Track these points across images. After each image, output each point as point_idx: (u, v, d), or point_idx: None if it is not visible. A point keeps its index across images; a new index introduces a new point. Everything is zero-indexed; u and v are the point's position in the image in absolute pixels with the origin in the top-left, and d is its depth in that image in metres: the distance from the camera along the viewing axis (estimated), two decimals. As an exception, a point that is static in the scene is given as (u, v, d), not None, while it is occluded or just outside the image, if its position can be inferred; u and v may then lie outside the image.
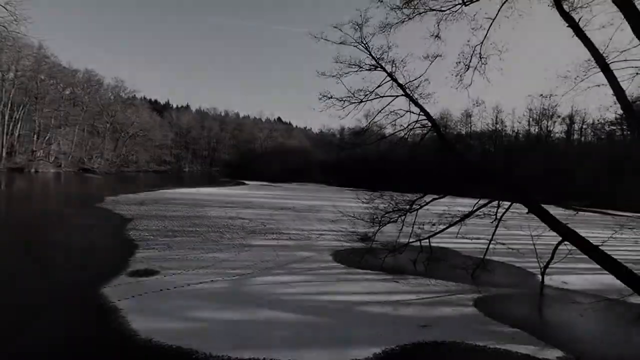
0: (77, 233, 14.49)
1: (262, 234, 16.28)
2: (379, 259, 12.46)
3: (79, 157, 62.50)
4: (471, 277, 11.21)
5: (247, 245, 13.69)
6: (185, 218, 19.30)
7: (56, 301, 7.72)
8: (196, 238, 14.47)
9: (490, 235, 11.44)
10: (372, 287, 9.67)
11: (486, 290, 10.00)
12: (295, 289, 9.23)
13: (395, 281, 10.36)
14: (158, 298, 7.96)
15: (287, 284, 9.55)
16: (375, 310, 8.04)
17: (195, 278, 9.47)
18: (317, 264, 11.71)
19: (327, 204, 31.65)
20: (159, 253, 11.83)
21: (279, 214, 23.38)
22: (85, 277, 9.21)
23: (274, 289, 9.07)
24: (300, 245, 14.42)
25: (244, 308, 7.69)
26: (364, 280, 10.24)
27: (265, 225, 18.61)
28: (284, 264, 11.47)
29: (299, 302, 8.28)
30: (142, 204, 23.88)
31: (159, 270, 9.99)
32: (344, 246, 14.67)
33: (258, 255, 12.37)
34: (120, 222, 17.29)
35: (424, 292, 9.58)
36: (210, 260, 11.30)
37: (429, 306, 8.51)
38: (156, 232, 15.25)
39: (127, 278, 9.21)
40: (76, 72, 65.14)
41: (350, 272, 10.96)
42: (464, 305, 8.74)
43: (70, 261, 10.73)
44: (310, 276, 10.40)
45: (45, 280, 8.99)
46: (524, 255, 13.95)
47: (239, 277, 9.85)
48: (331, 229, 18.65)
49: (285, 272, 10.63)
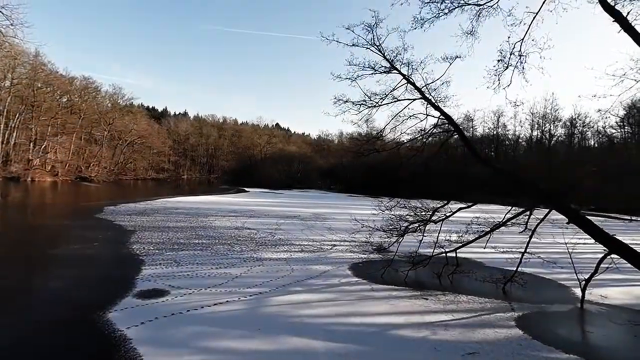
0: (77, 247, 13.63)
1: (272, 245, 15.48)
2: (401, 272, 11.73)
3: (76, 166, 61.46)
4: (502, 292, 10.49)
5: (258, 259, 12.89)
6: (190, 229, 18.47)
7: (56, 327, 6.88)
8: (204, 251, 13.65)
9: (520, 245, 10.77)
10: (401, 306, 8.90)
11: (522, 306, 9.26)
12: (318, 309, 8.43)
13: (424, 298, 9.59)
14: (171, 324, 7.14)
15: (308, 303, 8.75)
16: (412, 335, 7.26)
17: (209, 299, 8.66)
18: (336, 279, 10.93)
19: (333, 212, 30.93)
20: (166, 269, 11.01)
21: (285, 222, 22.59)
22: (88, 298, 8.38)
23: (295, 310, 8.28)
24: (314, 257, 13.63)
25: (268, 335, 6.89)
26: (391, 298, 9.46)
27: (273, 235, 17.81)
28: (301, 279, 10.67)
29: (325, 327, 7.49)
30: (143, 214, 23.02)
31: (168, 290, 9.17)
32: (361, 258, 13.90)
33: (272, 270, 11.58)
34: (122, 234, 16.44)
35: (458, 310, 8.80)
36: (222, 277, 10.49)
37: (468, 328, 7.73)
38: (161, 245, 14.42)
39: (134, 300, 8.38)
40: (73, 80, 64.42)
41: (374, 289, 10.18)
42: (506, 326, 7.98)
43: (71, 279, 9.87)
44: (332, 294, 9.61)
45: (43, 301, 8.15)
46: (553, 266, 13.24)
47: (256, 296, 9.05)
48: (343, 239, 17.88)
49: (304, 289, 9.83)
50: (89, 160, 64.85)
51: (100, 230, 17.22)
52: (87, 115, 65.06)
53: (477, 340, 7.13)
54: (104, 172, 64.73)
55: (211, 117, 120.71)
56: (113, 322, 7.13)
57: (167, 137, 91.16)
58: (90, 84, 67.58)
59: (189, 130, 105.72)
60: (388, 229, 12.48)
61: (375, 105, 13.08)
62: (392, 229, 12.43)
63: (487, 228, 11.28)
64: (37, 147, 53.98)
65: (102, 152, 67.54)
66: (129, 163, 75.21)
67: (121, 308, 7.84)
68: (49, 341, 6.40)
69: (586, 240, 10.49)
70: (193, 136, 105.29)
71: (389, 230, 12.39)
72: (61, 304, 8.10)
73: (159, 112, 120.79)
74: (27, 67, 53.12)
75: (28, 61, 53.07)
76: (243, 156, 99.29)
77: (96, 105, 69.42)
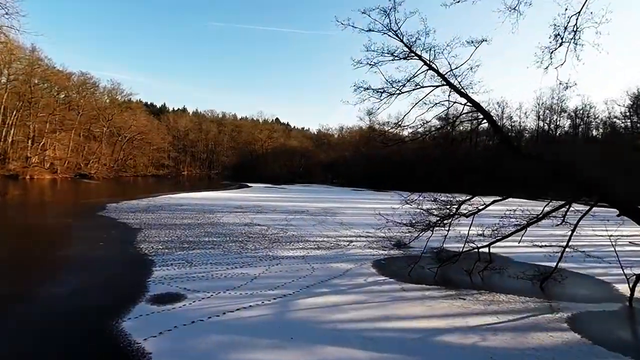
0: (81, 248, 12.87)
1: (286, 242, 14.75)
2: (428, 269, 11.03)
3: (76, 163, 60.44)
4: (540, 290, 9.78)
5: (274, 257, 12.15)
6: (197, 226, 17.71)
7: (62, 341, 6.14)
8: (216, 250, 12.91)
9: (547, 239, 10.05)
10: (439, 308, 8.18)
11: (567, 306, 8.57)
12: (350, 313, 7.71)
13: (461, 298, 8.87)
14: (193, 334, 6.40)
15: (338, 307, 8.02)
16: (459, 341, 6.54)
17: (230, 303, 7.93)
18: (361, 279, 10.20)
19: (341, 206, 30.21)
20: (179, 270, 10.26)
21: (295, 218, 21.84)
22: (98, 305, 7.64)
23: (326, 314, 7.56)
24: (332, 255, 12.90)
25: (302, 345, 6.16)
26: (425, 299, 8.74)
27: (285, 232, 17.07)
28: (324, 279, 9.94)
29: (362, 333, 6.76)
30: (147, 212, 22.24)
31: (184, 293, 8.43)
32: (382, 255, 13.18)
33: (291, 269, 10.85)
34: (128, 232, 15.68)
35: (501, 311, 8.09)
36: (239, 278, 9.76)
37: (519, 332, 7.02)
38: (169, 243, 13.67)
39: (149, 306, 7.64)
40: (71, 75, 63.11)
41: (405, 288, 9.45)
42: (559, 328, 7.27)
43: (78, 283, 9.12)
44: (361, 295, 8.88)
45: (46, 310, 7.40)
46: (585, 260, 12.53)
47: (280, 299, 8.31)
48: (358, 234, 17.15)
49: (330, 290, 9.10)
50: (88, 157, 63.81)
51: (105, 229, 16.45)
52: (86, 112, 63.88)
53: (534, 346, 6.42)
54: (103, 169, 63.75)
55: (210, 112, 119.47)
56: (128, 332, 6.38)
57: (167, 133, 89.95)
58: (88, 80, 66.31)
59: (188, 126, 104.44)
60: (413, 223, 11.74)
61: (397, 92, 12.27)
62: (418, 223, 11.70)
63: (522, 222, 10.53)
64: (35, 145, 52.93)
65: (102, 149, 66.49)
66: (129, 159, 74.17)
67: (135, 316, 7.10)
68: (52, 357, 5.66)
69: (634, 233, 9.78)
70: (192, 132, 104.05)
71: (414, 225, 11.64)
72: (67, 313, 7.35)
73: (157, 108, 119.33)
74: (24, 62, 51.86)
75: (24, 56, 51.82)
76: (244, 151, 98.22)
77: (94, 101, 68.15)
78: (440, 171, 14.31)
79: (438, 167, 13.73)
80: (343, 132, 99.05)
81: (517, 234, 10.68)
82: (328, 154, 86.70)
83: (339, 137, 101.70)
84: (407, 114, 12.99)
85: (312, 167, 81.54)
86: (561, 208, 9.46)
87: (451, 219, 11.04)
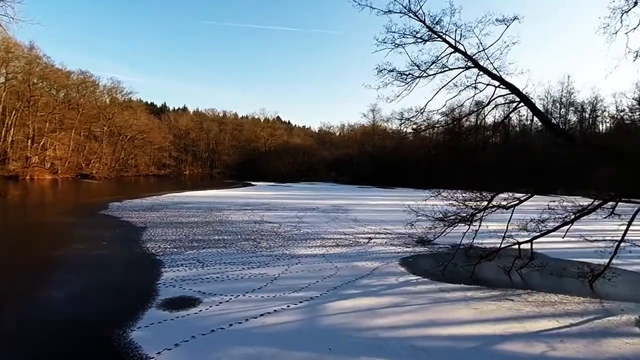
0: (83, 247, 11.95)
1: (302, 239, 13.81)
2: (462, 267, 10.07)
3: (76, 163, 59.52)
4: (590, 288, 8.84)
5: (293, 256, 11.22)
6: (206, 224, 16.78)
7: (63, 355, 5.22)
8: (228, 249, 11.98)
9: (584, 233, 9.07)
10: (487, 311, 7.23)
11: (630, 307, 7.61)
12: (390, 318, 6.76)
13: (508, 299, 7.92)
14: (214, 345, 5.47)
15: (374, 310, 7.08)
16: (524, 350, 5.60)
17: (251, 307, 7.00)
18: (392, 278, 9.26)
19: (351, 203, 29.29)
20: (191, 271, 9.34)
21: (305, 215, 20.90)
22: (103, 312, 6.72)
23: (363, 320, 6.62)
24: (354, 252, 11.96)
25: (344, 358, 5.22)
26: (469, 300, 7.79)
27: (299, 229, 16.13)
28: (351, 280, 9.00)
29: (410, 342, 5.82)
30: (152, 210, 21.32)
31: (198, 297, 7.50)
32: (406, 252, 12.24)
33: (313, 268, 9.92)
34: (132, 231, 14.77)
35: (560, 314, 7.14)
36: (258, 279, 8.83)
37: (589, 339, 6.07)
38: (177, 242, 12.75)
39: (160, 312, 6.71)
40: (70, 73, 62.13)
41: (442, 289, 8.51)
42: (633, 333, 6.33)
43: (80, 287, 8.20)
44: (396, 296, 7.94)
45: (45, 317, 6.47)
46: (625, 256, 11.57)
47: (308, 302, 7.38)
48: (375, 231, 16.21)
49: (361, 291, 8.17)
50: (89, 157, 62.88)
51: (108, 228, 15.54)
52: (86, 111, 62.89)
53: (614, 356, 5.48)
54: (105, 169, 62.82)
55: (211, 111, 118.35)
56: (138, 344, 5.46)
57: (168, 132, 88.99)
58: (88, 78, 65.29)
59: (189, 125, 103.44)
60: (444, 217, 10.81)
61: (423, 74, 11.32)
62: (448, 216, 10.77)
63: (563, 215, 9.55)
64: (35, 145, 52.01)
65: (103, 148, 65.54)
66: (130, 159, 73.20)
67: (146, 324, 6.17)
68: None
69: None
70: (193, 131, 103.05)
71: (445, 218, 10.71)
72: (66, 321, 6.43)
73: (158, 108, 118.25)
74: (22, 60, 50.91)
75: (22, 54, 50.87)
76: (246, 150, 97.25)
77: (94, 100, 67.22)
78: (469, 164, 13.36)
79: (467, 159, 12.86)
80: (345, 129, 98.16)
81: (561, 229, 9.71)
82: (331, 151, 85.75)
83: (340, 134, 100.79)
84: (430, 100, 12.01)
85: (315, 165, 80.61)
86: (609, 201, 8.49)
87: (484, 212, 10.09)
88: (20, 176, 47.13)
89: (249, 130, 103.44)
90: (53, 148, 55.24)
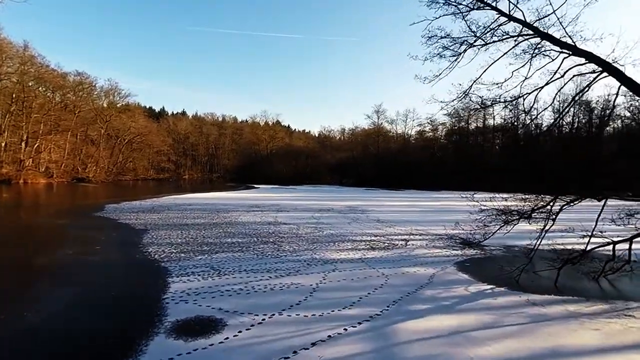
0: (72, 252, 10.00)
1: (328, 242, 11.91)
2: (539, 274, 8.20)
3: (73, 166, 57.54)
4: None
5: (325, 261, 9.31)
6: (214, 226, 14.86)
7: None
8: (245, 253, 10.05)
9: None
10: (615, 332, 5.33)
11: None
12: (491, 346, 4.84)
13: (627, 315, 6.02)
14: (259, 400, 3.54)
15: (463, 334, 5.16)
16: None
17: (295, 332, 5.09)
18: (461, 288, 7.36)
19: (367, 204, 27.47)
20: (206, 281, 7.41)
21: (323, 216, 18.99)
22: (95, 341, 4.79)
23: (455, 349, 4.70)
24: (396, 256, 10.06)
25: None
26: (580, 317, 5.88)
27: (321, 230, 14.23)
28: (410, 290, 7.10)
29: (543, 386, 3.90)
30: (153, 212, 19.38)
31: (221, 317, 5.57)
32: (457, 255, 10.36)
33: (356, 276, 8.01)
34: (131, 234, 12.84)
35: None
36: (293, 291, 6.91)
37: None
38: (185, 246, 10.82)
39: (171, 341, 4.78)
40: (66, 75, 60.29)
41: (533, 301, 6.59)
42: None
43: (65, 304, 6.24)
44: (483, 314, 6.00)
45: (14, 344, 4.53)
46: None
47: (369, 324, 5.46)
48: (408, 232, 14.32)
49: (431, 307, 6.25)
50: (86, 161, 60.86)
51: (103, 230, 13.60)
52: (83, 113, 61.07)
53: None
54: (102, 173, 60.86)
55: (210, 115, 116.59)
56: (142, 399, 3.52)
57: (167, 136, 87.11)
58: (85, 79, 63.41)
59: (188, 129, 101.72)
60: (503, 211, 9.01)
61: (482, 43, 9.53)
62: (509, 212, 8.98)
63: None
64: (29, 147, 49.96)
65: (100, 152, 63.55)
66: (128, 162, 71.19)
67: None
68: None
69: None
70: (193, 135, 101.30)
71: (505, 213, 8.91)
72: (41, 356, 4.48)
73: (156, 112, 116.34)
74: (16, 60, 49.08)
75: (16, 54, 49.08)
76: (246, 153, 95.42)
77: (92, 102, 65.35)
78: (517, 162, 11.57)
79: (513, 158, 11.26)
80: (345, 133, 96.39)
81: None
82: (333, 154, 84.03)
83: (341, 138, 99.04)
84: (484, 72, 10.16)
85: (318, 168, 78.79)
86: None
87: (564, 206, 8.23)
88: (13, 180, 45.13)
89: (249, 133, 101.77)
90: (48, 151, 53.29)
